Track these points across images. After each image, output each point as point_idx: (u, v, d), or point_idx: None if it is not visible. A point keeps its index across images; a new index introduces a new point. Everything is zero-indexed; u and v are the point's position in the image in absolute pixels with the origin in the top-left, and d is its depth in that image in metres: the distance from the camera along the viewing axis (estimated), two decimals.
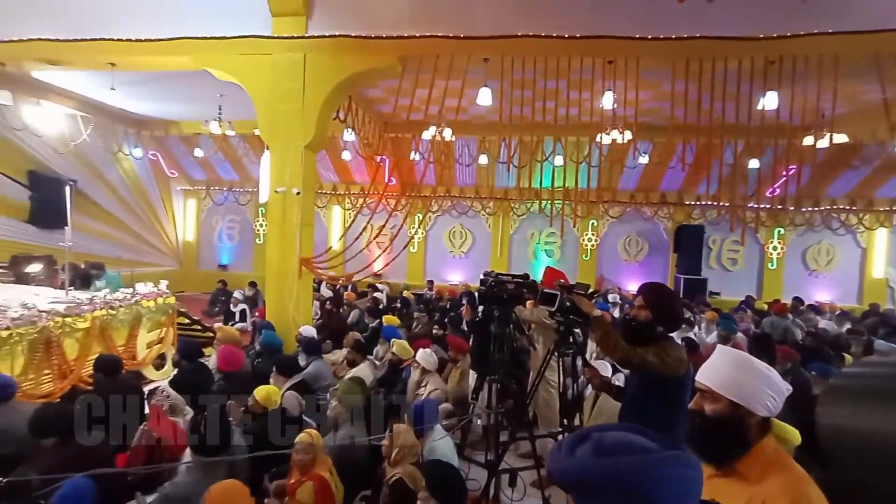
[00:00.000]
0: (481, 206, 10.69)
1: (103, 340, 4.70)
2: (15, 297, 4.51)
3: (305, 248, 5.34)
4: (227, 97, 6.91)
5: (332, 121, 5.81)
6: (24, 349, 3.99)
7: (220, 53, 5.20)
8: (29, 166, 7.70)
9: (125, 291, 5.26)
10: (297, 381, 3.62)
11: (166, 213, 11.15)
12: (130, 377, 4.32)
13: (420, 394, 3.78)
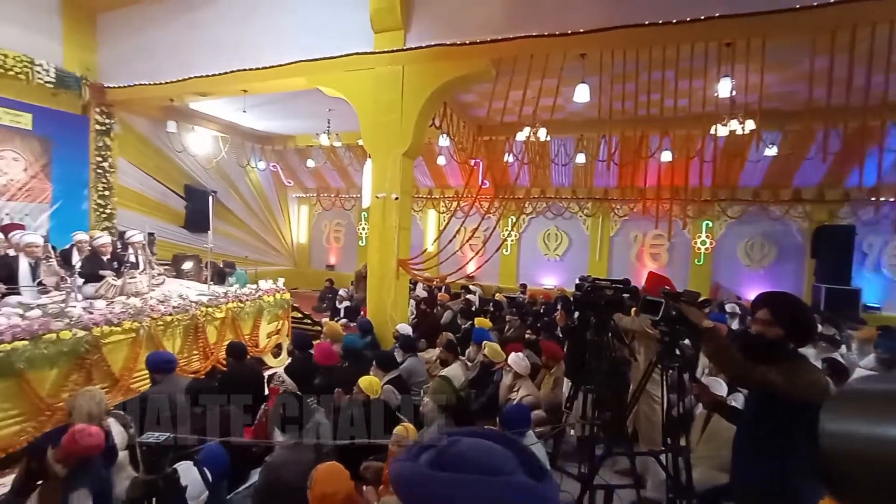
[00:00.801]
0: (578, 206, 10.23)
1: (234, 329, 5.44)
2: (175, 289, 5.44)
3: (402, 250, 5.62)
4: (335, 112, 7.57)
5: (428, 127, 6.04)
6: (180, 332, 4.80)
7: (329, 72, 5.71)
8: (185, 181, 9.23)
9: (251, 287, 6.03)
10: (394, 375, 3.82)
11: (283, 218, 12.53)
12: (254, 362, 4.92)
13: (512, 398, 3.75)
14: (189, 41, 6.56)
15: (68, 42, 7.10)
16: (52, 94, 6.85)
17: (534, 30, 4.72)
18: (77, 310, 4.01)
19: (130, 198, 8.17)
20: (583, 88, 4.99)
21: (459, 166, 9.61)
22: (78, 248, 5.40)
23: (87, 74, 7.22)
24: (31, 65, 6.48)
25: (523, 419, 2.73)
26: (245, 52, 6.09)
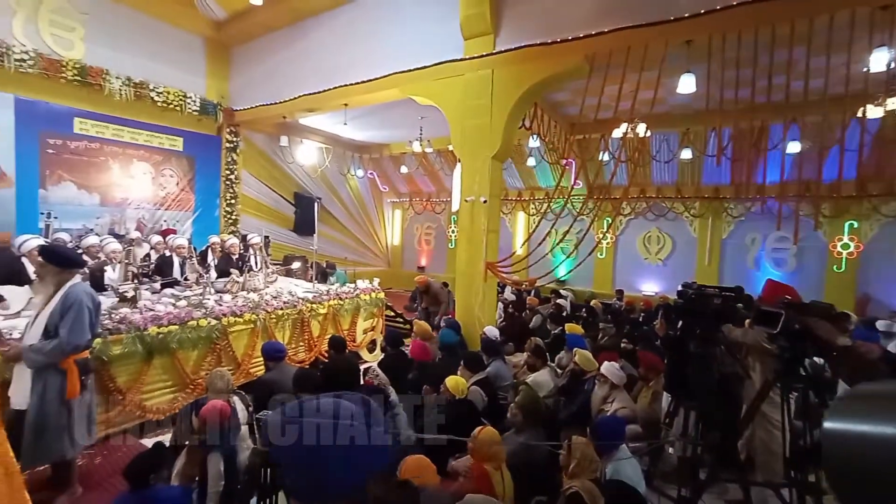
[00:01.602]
0: (684, 206, 9.34)
1: (334, 324, 5.91)
2: (285, 286, 6.08)
3: (491, 253, 5.64)
4: (427, 119, 7.86)
5: (518, 129, 5.99)
6: (289, 325, 5.35)
7: (421, 81, 5.95)
8: (294, 189, 10.28)
9: (349, 286, 6.51)
10: (481, 377, 3.85)
11: (379, 222, 13.30)
12: (352, 356, 5.30)
13: (605, 409, 3.55)
14: (300, 64, 7.32)
15: (209, 75, 8.34)
16: (197, 120, 8.10)
17: (631, 20, 4.44)
18: (211, 302, 4.69)
19: (250, 205, 9.31)
20: (688, 79, 4.57)
21: (550, 167, 9.37)
22: (212, 249, 6.31)
23: (221, 101, 8.42)
24: (184, 98, 7.75)
25: (617, 432, 2.58)
26: (346, 69, 6.61)
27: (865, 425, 0.59)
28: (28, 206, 6.33)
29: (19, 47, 5.99)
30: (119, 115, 7.17)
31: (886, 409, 0.59)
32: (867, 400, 0.64)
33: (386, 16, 6.36)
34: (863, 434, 0.59)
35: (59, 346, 2.74)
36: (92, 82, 6.65)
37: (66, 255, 3.01)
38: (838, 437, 0.61)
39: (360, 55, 6.53)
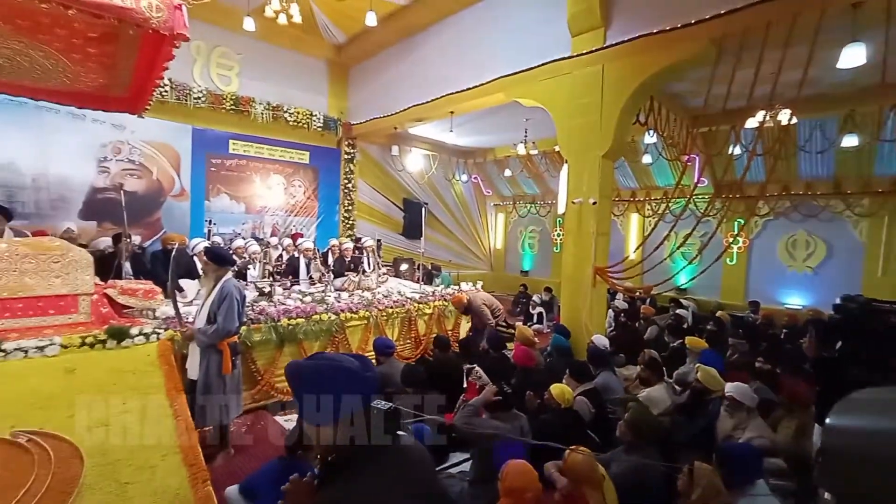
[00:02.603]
0: (846, 204, 7.76)
1: (439, 324, 6.12)
2: (394, 287, 6.47)
3: (600, 257, 5.33)
4: (532, 121, 7.75)
5: (631, 125, 5.60)
6: (398, 323, 5.69)
7: (526, 84, 5.88)
8: (403, 195, 10.90)
9: (454, 288, 6.68)
10: (588, 387, 3.66)
11: (483, 225, 13.43)
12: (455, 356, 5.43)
13: (735, 437, 3.12)
14: (410, 77, 7.76)
15: (331, 94, 9.29)
16: (320, 135, 9.06)
17: None
18: (331, 299, 5.19)
19: (365, 211, 10.09)
20: (855, 50, 3.81)
21: (669, 164, 8.56)
22: (331, 252, 6.98)
23: (340, 117, 9.30)
24: (310, 116, 8.73)
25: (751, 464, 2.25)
26: (452, 78, 6.83)
27: (863, 420, 0.64)
28: (197, 214, 7.69)
29: (196, 88, 7.33)
30: (260, 135, 8.34)
31: (883, 408, 0.64)
32: (868, 401, 0.69)
33: (491, 24, 6.43)
34: (860, 428, 0.63)
35: (217, 331, 3.29)
36: (242, 109, 7.85)
37: (223, 256, 3.61)
38: (838, 432, 0.65)
39: (465, 64, 6.70)
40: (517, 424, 2.75)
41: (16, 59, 3.23)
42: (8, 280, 3.04)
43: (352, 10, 6.97)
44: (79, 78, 3.64)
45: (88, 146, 6.62)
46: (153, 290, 3.75)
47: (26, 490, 1.90)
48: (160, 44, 3.06)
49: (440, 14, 7.07)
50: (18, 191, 6.09)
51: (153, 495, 2.05)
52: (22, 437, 2.17)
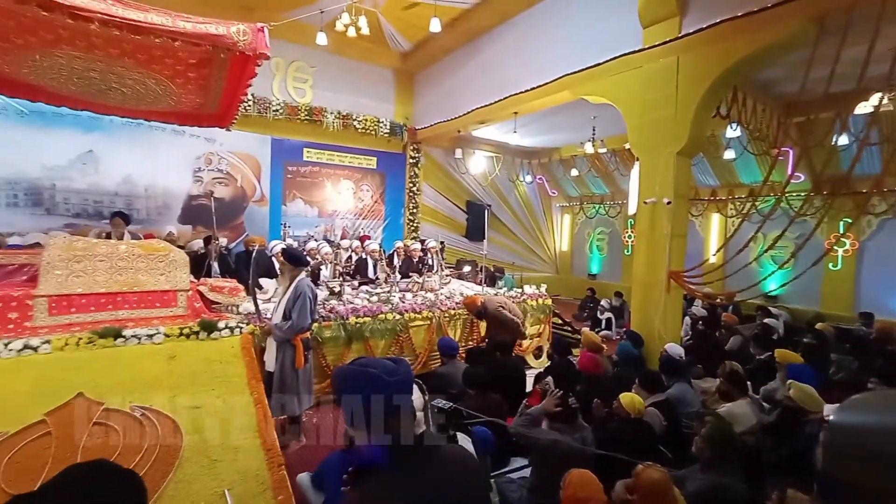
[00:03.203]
0: None
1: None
2: (457, 288, 6.53)
3: (676, 261, 5.00)
4: (600, 118, 7.45)
5: (711, 118, 5.19)
6: (460, 324, 5.73)
7: (594, 80, 5.67)
8: (467, 197, 10.97)
9: (517, 291, 6.59)
10: (660, 399, 3.44)
11: (547, 227, 13.13)
12: (518, 360, 5.35)
13: None
14: (474, 80, 7.81)
15: (397, 101, 9.60)
16: (387, 141, 9.40)
17: None
18: (396, 299, 5.36)
19: (429, 213, 10.29)
20: None
21: (756, 159, 7.80)
22: (397, 253, 7.20)
23: (406, 122, 9.58)
24: (377, 123, 9.09)
25: None
26: (516, 79, 6.77)
27: (867, 417, 0.66)
28: (275, 218, 8.31)
29: (275, 101, 7.94)
30: (332, 142, 8.83)
31: (885, 406, 0.67)
32: (872, 399, 0.77)
33: (555, 22, 6.30)
34: (863, 424, 0.66)
35: (291, 326, 3.54)
36: (315, 119, 8.36)
37: (298, 257, 3.88)
38: (842, 428, 0.67)
39: (529, 63, 6.61)
40: (579, 435, 2.65)
41: (135, 87, 3.73)
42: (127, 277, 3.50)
43: (417, 17, 7.16)
44: (181, 99, 4.11)
45: (186, 159, 7.42)
46: (237, 288, 4.12)
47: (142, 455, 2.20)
48: (245, 64, 3.37)
49: (503, 16, 7.05)
50: (134, 199, 6.99)
51: (237, 473, 2.25)
52: (137, 410, 2.50)
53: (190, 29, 2.93)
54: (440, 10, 6.16)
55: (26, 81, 3.86)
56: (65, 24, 2.69)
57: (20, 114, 6.03)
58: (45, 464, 2.12)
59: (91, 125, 6.46)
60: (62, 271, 3.38)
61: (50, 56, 3.23)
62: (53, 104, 4.52)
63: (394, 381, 1.13)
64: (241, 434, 2.51)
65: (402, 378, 1.16)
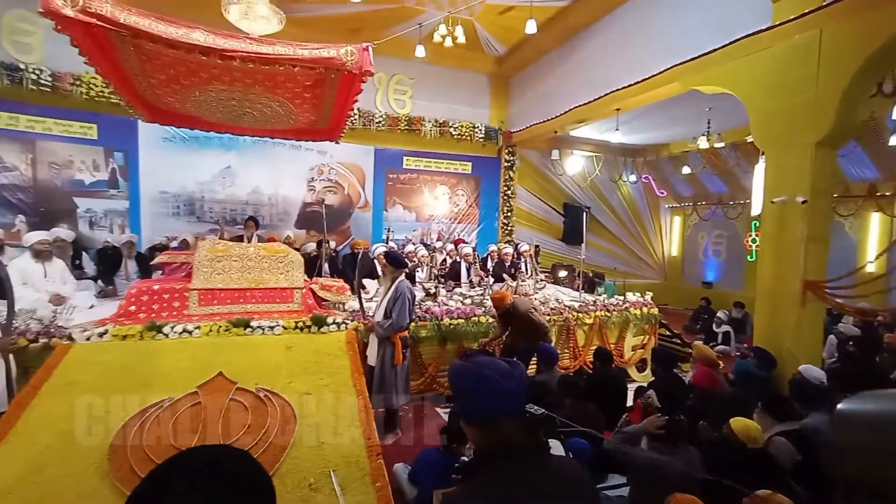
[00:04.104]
0: None
1: (600, 335, 5.75)
2: (552, 294, 6.35)
3: (814, 269, 4.27)
4: (715, 109, 6.71)
5: (871, 97, 4.35)
6: (555, 331, 5.56)
7: (707, 68, 5.12)
8: (564, 199, 10.61)
9: (618, 298, 6.19)
10: (790, 428, 2.97)
11: (654, 230, 12.12)
12: (619, 371, 5.03)
13: None
14: (571, 79, 7.55)
15: (492, 106, 9.66)
16: (481, 146, 9.50)
17: None
18: (489, 302, 5.38)
19: (523, 216, 10.15)
20: None
21: None
22: (490, 257, 7.22)
23: (501, 126, 9.59)
24: (473, 128, 9.25)
25: None
26: (617, 74, 6.38)
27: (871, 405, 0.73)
28: (377, 223, 8.89)
29: (378, 113, 8.52)
30: (429, 150, 9.18)
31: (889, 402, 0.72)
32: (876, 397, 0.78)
33: (660, 11, 5.83)
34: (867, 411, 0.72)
35: (391, 324, 3.77)
36: (414, 128, 8.78)
37: (399, 259, 4.12)
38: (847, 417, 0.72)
39: (632, 57, 6.19)
40: (683, 458, 2.40)
41: (263, 110, 4.30)
42: (254, 275, 4.04)
43: (512, 20, 7.14)
44: (298, 118, 4.63)
45: (302, 170, 8.30)
46: (343, 287, 4.50)
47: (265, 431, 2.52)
48: (353, 81, 3.69)
49: (602, 10, 6.71)
50: (260, 207, 8.02)
51: (340, 458, 2.46)
52: (262, 392, 2.87)
53: (307, 55, 3.29)
54: (536, 11, 6.07)
55: (188, 113, 4.67)
56: (216, 63, 3.23)
57: (183, 140, 7.28)
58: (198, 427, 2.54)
59: (230, 145, 7.56)
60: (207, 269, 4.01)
61: (205, 91, 3.87)
62: (204, 130, 5.39)
63: (509, 385, 1.11)
64: (343, 422, 2.73)
65: (517, 382, 1.13)
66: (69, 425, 2.51)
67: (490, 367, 1.13)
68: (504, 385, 1.10)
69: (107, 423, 2.51)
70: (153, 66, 3.49)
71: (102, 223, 7.03)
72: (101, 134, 6.87)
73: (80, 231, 6.67)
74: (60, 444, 2.41)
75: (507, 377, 1.11)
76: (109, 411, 2.60)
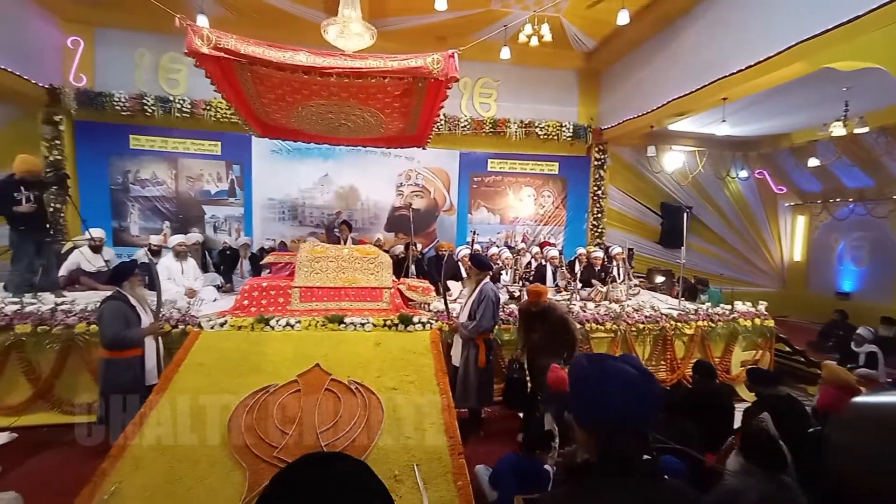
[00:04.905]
0: None
1: (703, 348, 5.21)
2: (647, 300, 5.91)
3: None
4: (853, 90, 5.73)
5: None
6: (650, 341, 5.18)
7: (845, 42, 4.38)
8: (661, 199, 9.82)
9: (724, 307, 5.56)
10: None
11: (770, 231, 10.68)
12: (724, 388, 4.51)
13: None
14: (669, 69, 6.96)
15: (581, 103, 9.28)
16: (569, 145, 9.17)
17: None
18: (576, 307, 5.17)
19: (615, 218, 9.57)
20: None
21: None
22: (578, 260, 6.93)
23: (590, 123, 9.16)
24: (560, 127, 8.96)
25: None
26: (724, 59, 5.75)
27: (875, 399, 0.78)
28: (462, 225, 9.02)
29: (463, 118, 8.65)
30: (514, 151, 9.08)
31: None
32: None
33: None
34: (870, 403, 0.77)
35: (476, 326, 3.79)
36: (499, 131, 8.75)
37: (484, 262, 4.14)
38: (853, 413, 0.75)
39: (741, 38, 5.52)
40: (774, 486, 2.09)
41: (356, 121, 4.61)
42: (348, 275, 4.34)
43: (601, 13, 6.79)
44: (388, 127, 4.88)
45: (391, 176, 8.72)
46: (429, 288, 4.64)
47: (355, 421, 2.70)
48: (439, 88, 3.80)
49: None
50: (353, 211, 8.58)
51: (423, 453, 2.53)
52: (353, 384, 3.07)
53: (396, 66, 3.47)
54: (628, 1, 5.71)
55: (292, 128, 5.19)
56: (316, 81, 3.55)
57: (287, 152, 8.08)
58: (297, 412, 2.80)
59: (327, 154, 8.21)
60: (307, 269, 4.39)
61: (307, 106, 4.27)
62: (305, 141, 5.93)
63: (642, 396, 1.04)
64: (427, 418, 2.81)
65: (650, 394, 1.06)
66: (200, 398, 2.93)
67: (623, 375, 1.05)
68: (637, 396, 1.03)
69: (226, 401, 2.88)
70: (265, 86, 3.93)
71: (223, 227, 8.07)
72: (224, 149, 7.92)
73: (206, 234, 7.74)
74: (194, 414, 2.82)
75: (641, 387, 1.04)
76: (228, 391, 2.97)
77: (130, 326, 3.34)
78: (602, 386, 1.05)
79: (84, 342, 4.00)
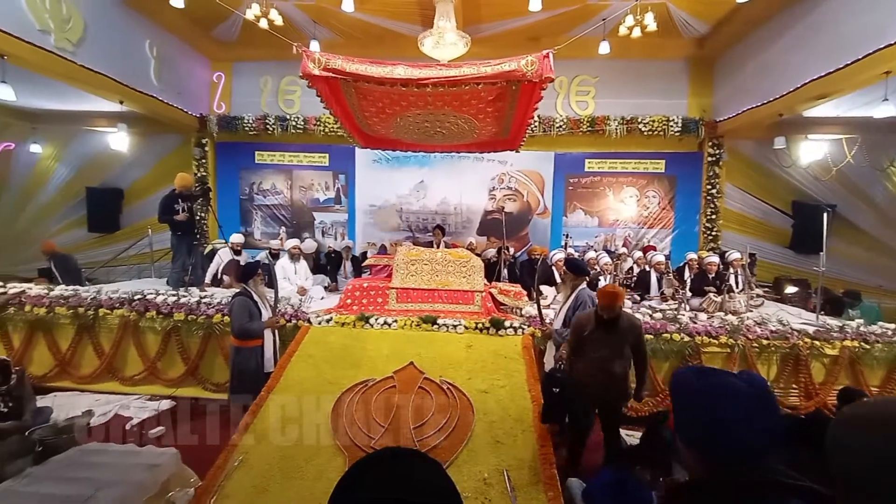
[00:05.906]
0: None
1: (852, 374, 4.38)
2: (774, 313, 5.16)
3: None
4: None
5: None
6: (777, 360, 4.50)
7: None
8: (792, 197, 8.49)
9: (884, 326, 4.62)
10: None
11: None
12: None
13: None
14: (806, 46, 6.00)
15: (691, 94, 8.44)
16: (678, 140, 8.38)
17: None
18: (685, 318, 4.69)
19: (733, 219, 8.50)
20: None
21: None
22: (688, 266, 6.28)
23: (703, 116, 8.27)
24: (667, 122, 8.24)
25: None
26: (885, 24, 4.80)
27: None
28: (556, 229, 8.73)
29: (558, 118, 8.40)
30: (614, 150, 8.55)
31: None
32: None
33: None
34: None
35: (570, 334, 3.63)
36: (597, 129, 8.32)
37: (580, 266, 3.97)
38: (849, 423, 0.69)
39: None
40: None
41: (451, 129, 4.74)
42: (441, 278, 4.47)
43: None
44: (481, 132, 4.93)
45: (483, 180, 8.77)
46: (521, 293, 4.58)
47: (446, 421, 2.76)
48: (533, 90, 3.74)
49: None
50: (447, 216, 8.80)
51: (514, 459, 2.49)
52: (445, 384, 3.14)
53: (490, 71, 3.49)
54: None
55: (391, 138, 5.51)
56: (413, 92, 3.73)
57: (387, 160, 8.60)
58: (392, 407, 2.95)
59: (423, 161, 8.54)
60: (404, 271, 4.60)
61: (404, 117, 4.50)
62: (403, 150, 6.24)
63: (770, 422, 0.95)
64: (518, 424, 2.76)
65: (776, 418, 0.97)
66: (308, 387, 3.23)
67: (733, 391, 0.96)
68: (748, 417, 0.93)
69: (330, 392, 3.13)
70: (367, 100, 4.22)
71: (329, 232, 8.85)
72: (331, 161, 8.71)
73: (315, 238, 8.55)
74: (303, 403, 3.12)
75: (758, 408, 0.94)
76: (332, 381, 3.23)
77: (254, 319, 3.81)
78: (707, 401, 0.96)
79: (220, 331, 4.70)
